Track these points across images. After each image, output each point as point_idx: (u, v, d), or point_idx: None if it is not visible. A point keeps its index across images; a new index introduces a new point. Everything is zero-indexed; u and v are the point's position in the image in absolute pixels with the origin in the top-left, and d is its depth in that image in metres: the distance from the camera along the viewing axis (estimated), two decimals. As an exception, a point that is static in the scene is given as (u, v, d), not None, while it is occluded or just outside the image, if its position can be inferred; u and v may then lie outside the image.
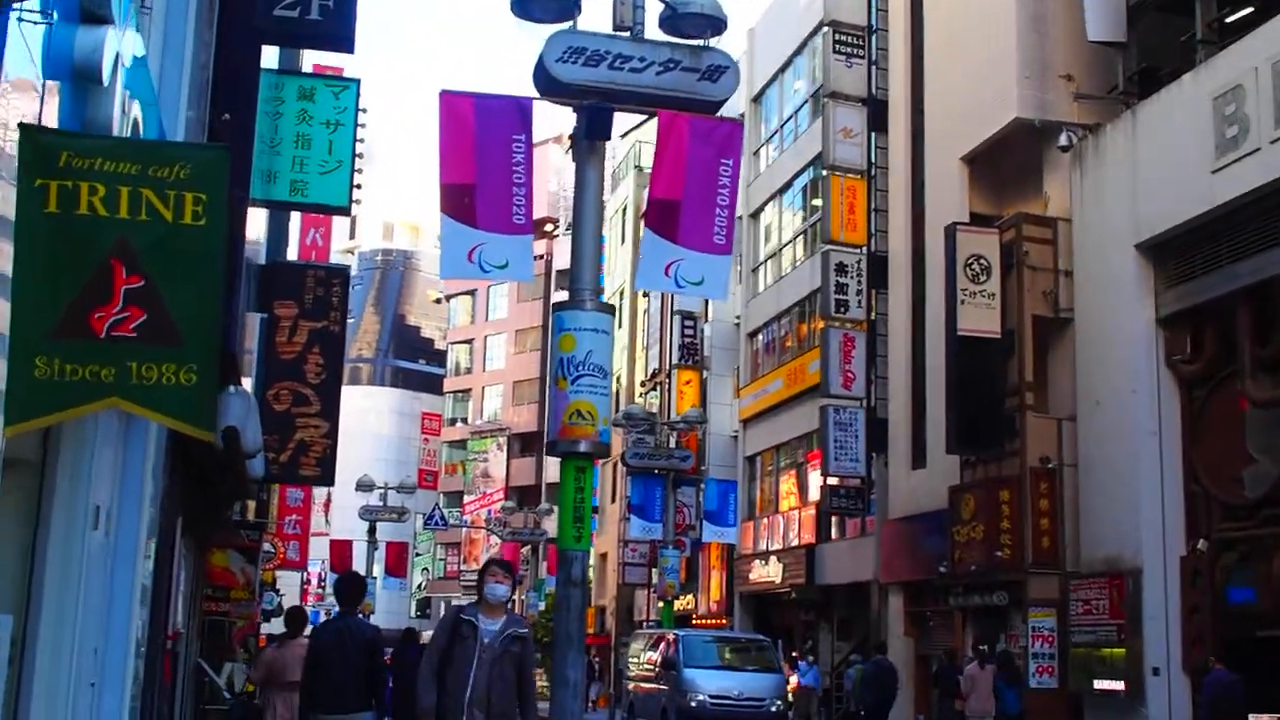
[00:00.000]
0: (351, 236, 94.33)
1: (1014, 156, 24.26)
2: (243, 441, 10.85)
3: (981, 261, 22.65)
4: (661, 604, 30.27)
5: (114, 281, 5.15)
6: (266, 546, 26.61)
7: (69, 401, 5.32)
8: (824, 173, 28.87)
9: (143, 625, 9.07)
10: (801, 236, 34.11)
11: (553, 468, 70.57)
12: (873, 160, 28.64)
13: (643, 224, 10.43)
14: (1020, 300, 22.48)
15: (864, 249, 28.40)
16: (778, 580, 32.49)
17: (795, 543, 32.17)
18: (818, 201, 31.64)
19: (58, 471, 7.48)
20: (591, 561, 44.86)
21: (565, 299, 10.28)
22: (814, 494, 32.05)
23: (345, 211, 13.70)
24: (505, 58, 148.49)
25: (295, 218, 20.39)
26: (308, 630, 11.92)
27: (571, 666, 9.68)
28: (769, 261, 36.54)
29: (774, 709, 22.75)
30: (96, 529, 7.77)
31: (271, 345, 13.57)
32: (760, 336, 36.83)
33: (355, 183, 13.76)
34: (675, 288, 10.40)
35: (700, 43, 10.32)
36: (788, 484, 34.19)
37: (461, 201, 9.92)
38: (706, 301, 40.97)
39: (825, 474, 28.00)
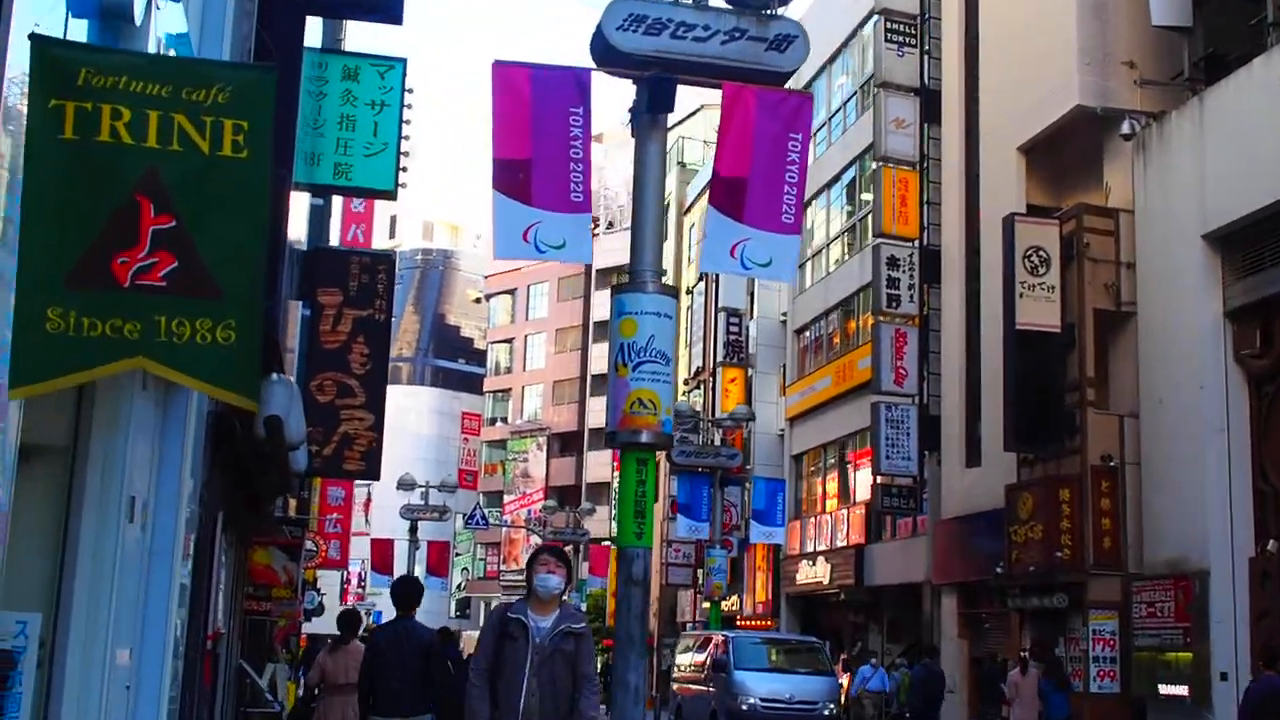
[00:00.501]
0: (391, 236, 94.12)
1: (1073, 146, 23.57)
2: (286, 432, 10.36)
3: (1041, 253, 21.99)
4: (708, 605, 29.66)
5: (140, 221, 4.48)
6: (308, 545, 26.23)
7: (86, 360, 4.67)
8: (875, 165, 28.23)
9: (181, 625, 8.59)
10: (850, 231, 33.45)
11: (594, 468, 70.59)
12: (925, 151, 27.99)
13: (708, 204, 9.85)
14: (1081, 293, 21.83)
15: (916, 242, 27.76)
16: (825, 581, 31.88)
17: (844, 543, 31.54)
18: (867, 195, 31.05)
19: (89, 459, 7.00)
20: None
21: (625, 281, 9.73)
22: (863, 493, 31.43)
23: (391, 195, 13.20)
24: (550, 44, 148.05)
25: (335, 215, 19.92)
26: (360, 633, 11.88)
27: (633, 670, 9.15)
28: (816, 257, 35.90)
29: (826, 713, 22.14)
30: (132, 522, 7.29)
31: (315, 335, 13.09)
32: (807, 333, 36.21)
33: (401, 166, 13.24)
34: (741, 269, 9.84)
35: (767, 11, 9.76)
36: (835, 483, 33.57)
37: (516, 178, 9.41)
38: (751, 298, 40.39)
39: (876, 472, 27.37)
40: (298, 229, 13.39)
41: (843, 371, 32.23)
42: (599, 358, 70.37)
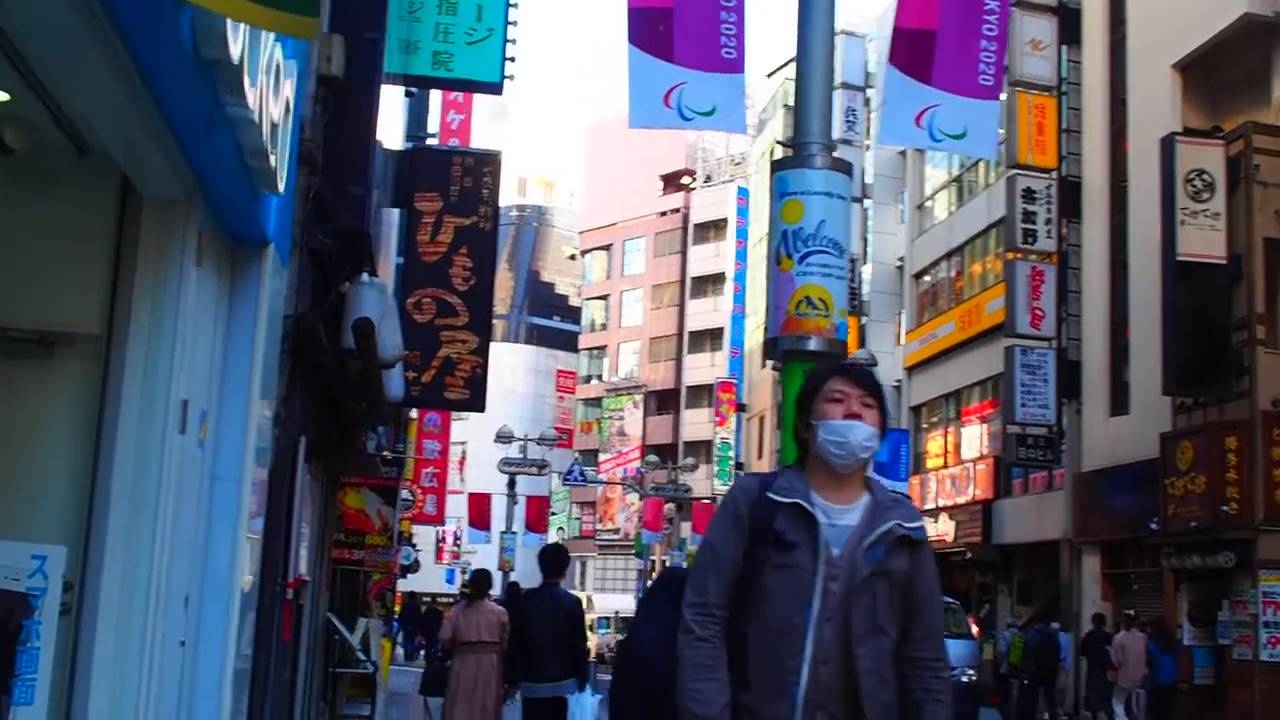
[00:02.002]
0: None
1: (1238, 61, 21.35)
2: (379, 343, 8.76)
3: (1204, 177, 19.90)
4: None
5: None
6: (404, 493, 24.79)
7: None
8: (1009, 91, 26.10)
9: (254, 568, 7.03)
10: (977, 166, 31.26)
11: (691, 426, 69.10)
12: (1064, 75, 25.83)
13: (887, 63, 8.05)
14: (1249, 221, 19.74)
15: (1054, 174, 25.66)
16: (950, 539, 29.95)
17: (970, 498, 29.54)
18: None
19: (128, 350, 5.43)
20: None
21: (788, 156, 7.95)
22: (990, 446, 29.45)
23: (497, 89, 11.54)
24: None
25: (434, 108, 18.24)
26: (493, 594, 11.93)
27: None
28: (938, 195, 33.79)
29: (965, 679, 20.29)
30: (184, 432, 5.71)
31: (412, 246, 11.51)
32: (927, 277, 34.15)
33: (508, 56, 11.57)
34: (930, 141, 8.01)
35: None
36: (960, 435, 31.53)
37: (655, 30, 7.68)
38: (865, 242, 38.37)
39: (1009, 422, 25.39)
40: (393, 127, 11.76)
41: (968, 317, 30.20)
42: (696, 314, 68.99)
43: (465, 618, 11.20)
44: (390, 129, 11.48)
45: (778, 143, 44.33)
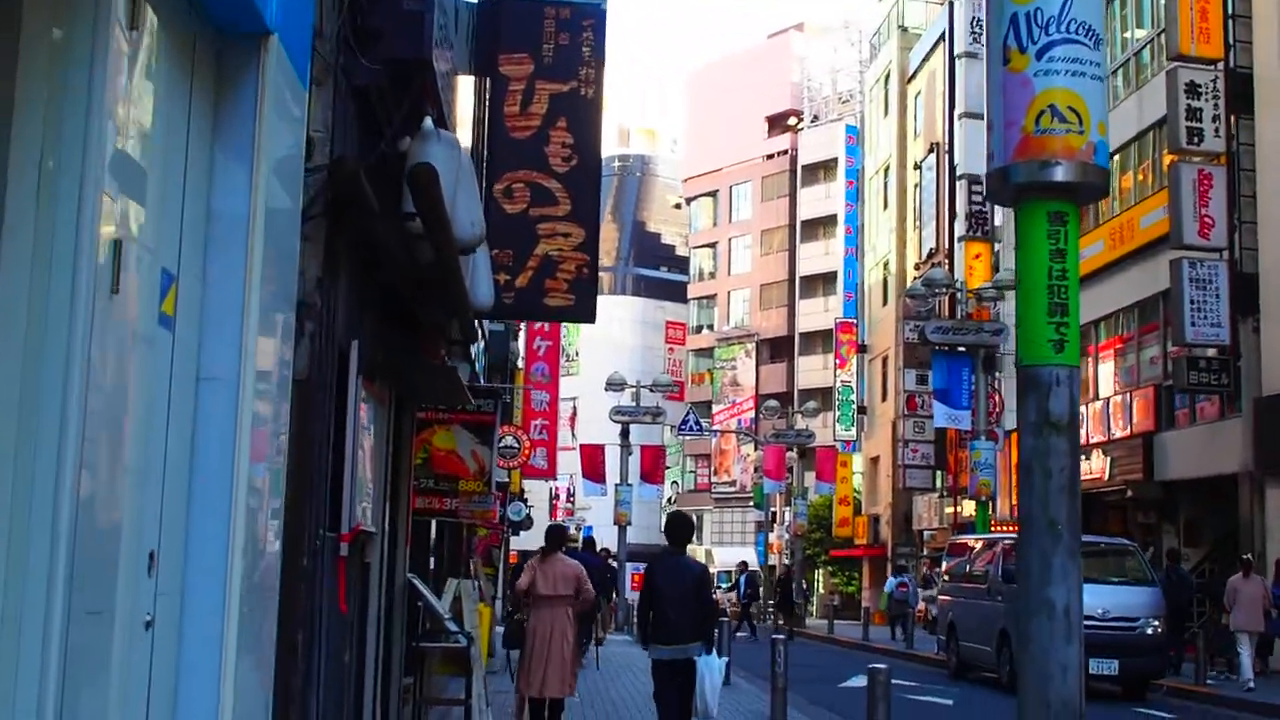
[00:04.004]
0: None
1: None
2: (455, 219, 6.62)
3: None
4: (975, 507, 25.39)
5: None
6: (508, 440, 22.75)
7: None
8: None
9: (274, 512, 4.93)
10: (1128, 62, 28.29)
11: (807, 374, 66.74)
12: (1228, -48, 23.00)
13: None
14: None
15: (1220, 64, 22.84)
16: (1104, 477, 27.26)
17: (1127, 431, 26.80)
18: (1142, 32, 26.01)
19: (10, 147, 3.33)
20: (861, 466, 40.18)
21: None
22: (1148, 373, 26.71)
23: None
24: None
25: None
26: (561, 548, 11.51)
27: (1059, 579, 5.21)
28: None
29: (1150, 631, 17.78)
30: (116, 292, 3.59)
31: (498, 120, 9.32)
32: (1068, 194, 31.26)
33: (607, -116, 9.33)
34: None
35: None
36: (1112, 363, 28.69)
37: None
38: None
39: (1178, 343, 22.73)
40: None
41: (1120, 233, 27.39)
42: (807, 258, 66.83)
43: (541, 571, 11.01)
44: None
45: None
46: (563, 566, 11.09)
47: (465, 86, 10.02)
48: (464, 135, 9.65)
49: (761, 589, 41.98)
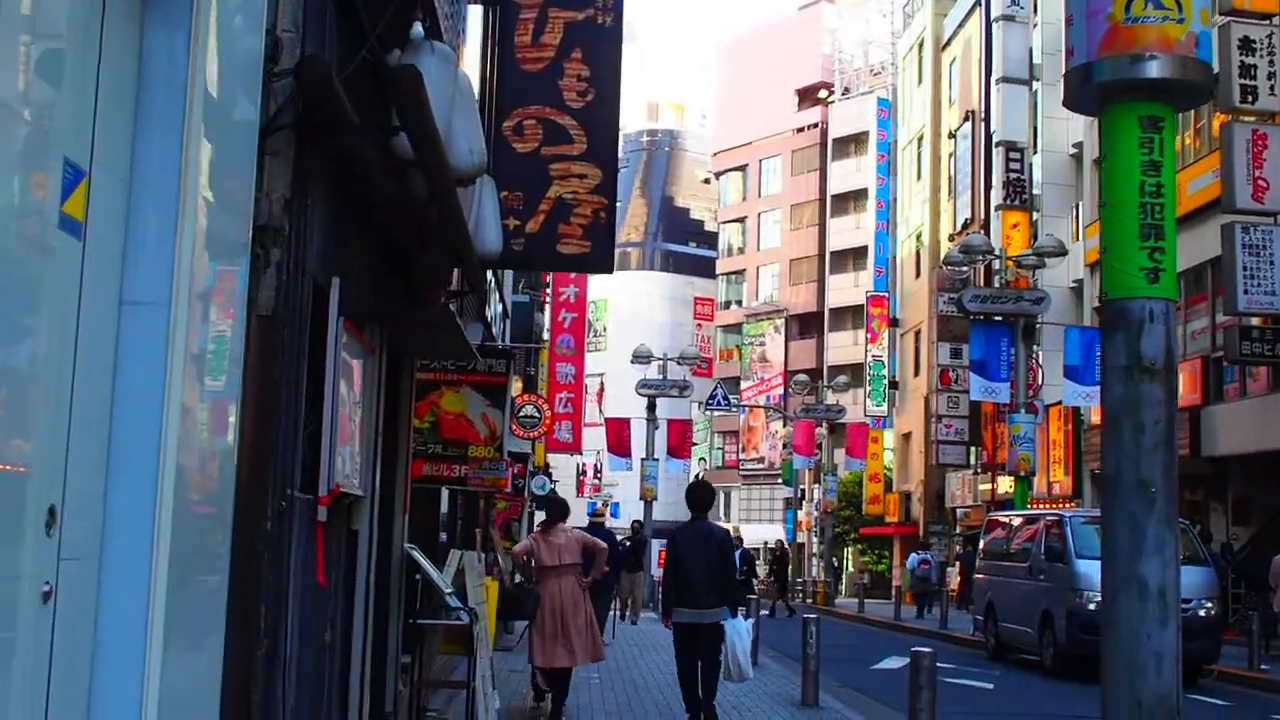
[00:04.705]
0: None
1: None
2: (450, 146, 5.83)
3: None
4: (1014, 482, 24.48)
5: None
6: (529, 409, 21.98)
7: None
8: (1217, -76, 22.30)
9: (218, 464, 4.15)
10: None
11: (836, 349, 65.77)
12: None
13: None
14: None
15: (1276, 19, 21.85)
16: (1148, 453, 26.32)
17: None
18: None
19: None
20: (892, 443, 39.19)
21: None
22: (1194, 345, 25.74)
23: None
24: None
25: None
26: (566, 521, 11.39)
27: (1153, 550, 4.43)
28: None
29: (1203, 613, 16.90)
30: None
31: (508, 51, 8.51)
32: (1110, 162, 30.21)
33: None
34: None
35: None
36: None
37: None
38: (1035, 130, 34.57)
39: (1229, 312, 21.78)
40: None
41: (1165, 199, 26.38)
42: (838, 233, 66.00)
43: (544, 542, 10.91)
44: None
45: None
46: (565, 536, 10.96)
47: (474, 17, 9.21)
48: (472, 71, 8.84)
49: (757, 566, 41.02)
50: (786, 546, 40.91)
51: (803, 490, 52.18)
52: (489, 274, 13.96)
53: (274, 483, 4.79)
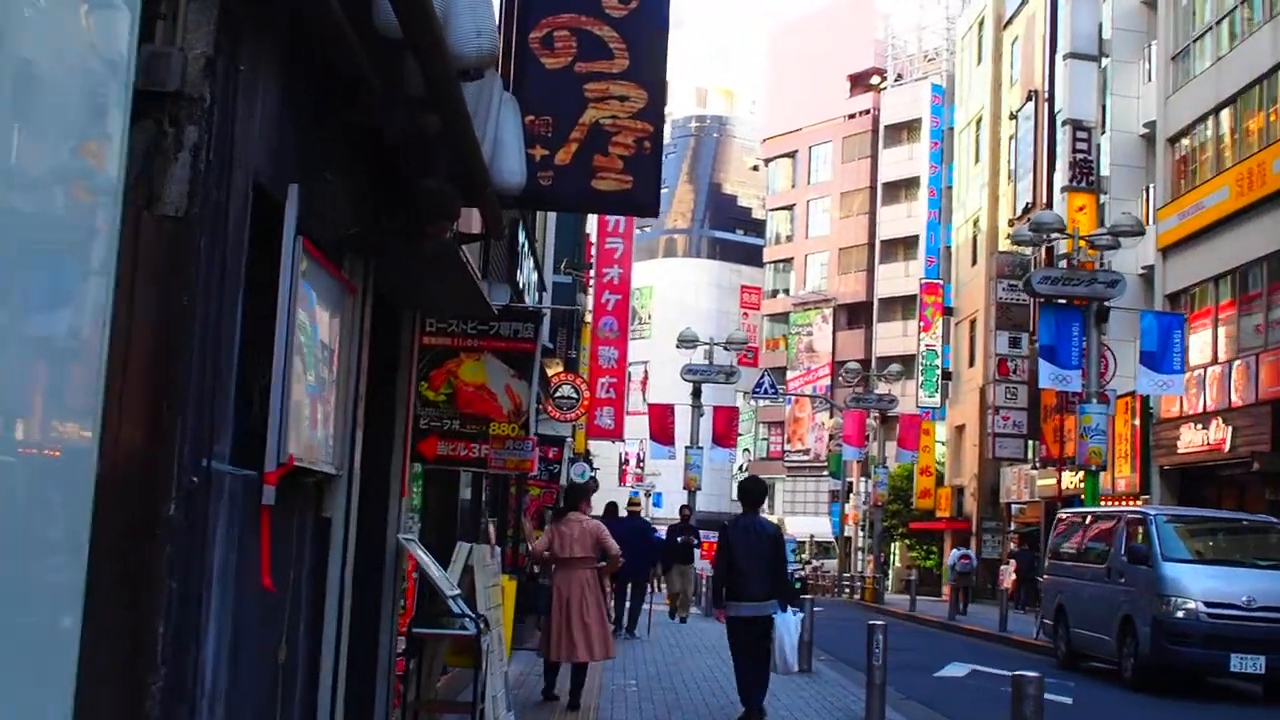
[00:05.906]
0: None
1: None
2: (450, 21, 4.46)
3: None
4: (1085, 477, 22.86)
5: None
6: (566, 389, 20.59)
7: None
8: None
9: (56, 422, 2.80)
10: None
11: (885, 340, 64.06)
12: None
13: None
14: None
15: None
16: (1225, 448, 24.68)
17: (1251, 398, 24.16)
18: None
19: None
20: (944, 435, 37.55)
21: None
22: (1277, 334, 24.07)
23: None
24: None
25: None
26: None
27: None
28: (1203, 39, 28.10)
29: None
30: None
31: (536, -49, 7.14)
32: (1186, 140, 28.52)
33: None
34: None
35: None
36: (1238, 323, 25.94)
37: None
38: (1104, 109, 32.88)
39: (1323, 297, 20.20)
40: None
41: (1249, 178, 24.72)
42: (888, 221, 64.65)
43: (558, 533, 10.83)
44: None
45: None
46: (579, 527, 10.79)
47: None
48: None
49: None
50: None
51: (849, 483, 50.66)
52: (520, 233, 12.57)
53: (185, 454, 3.43)
